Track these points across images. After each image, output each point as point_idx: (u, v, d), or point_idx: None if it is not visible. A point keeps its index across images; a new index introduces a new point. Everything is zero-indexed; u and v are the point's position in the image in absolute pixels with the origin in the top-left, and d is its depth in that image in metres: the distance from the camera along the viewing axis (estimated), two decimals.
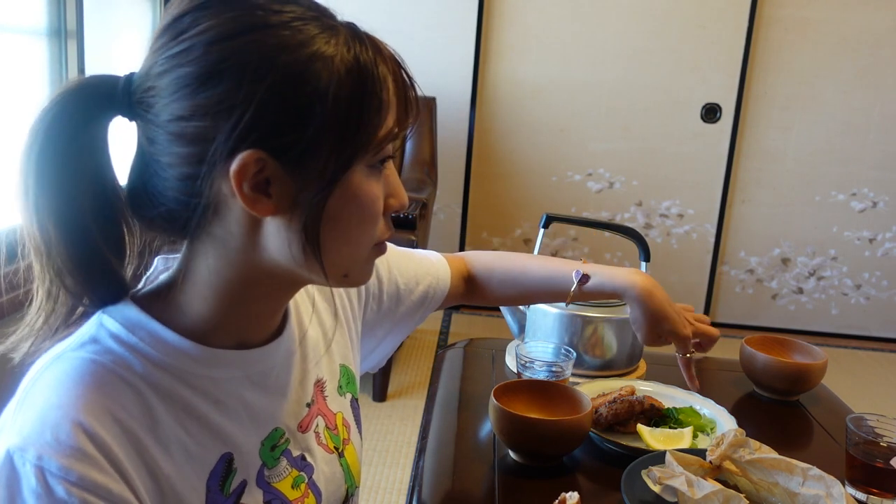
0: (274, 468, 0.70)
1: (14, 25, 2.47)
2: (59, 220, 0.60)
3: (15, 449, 0.54)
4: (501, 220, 3.76)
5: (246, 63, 0.56)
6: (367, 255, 0.67)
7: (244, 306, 0.66)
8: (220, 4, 0.58)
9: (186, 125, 0.58)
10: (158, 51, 0.59)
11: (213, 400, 0.65)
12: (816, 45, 3.51)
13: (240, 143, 0.57)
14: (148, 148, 0.61)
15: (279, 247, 0.62)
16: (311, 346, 0.78)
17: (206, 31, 0.57)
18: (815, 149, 3.62)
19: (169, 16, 0.60)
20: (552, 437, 0.96)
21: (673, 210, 3.72)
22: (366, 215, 0.64)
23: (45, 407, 0.56)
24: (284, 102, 0.57)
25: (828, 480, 0.82)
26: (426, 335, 3.45)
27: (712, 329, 1.10)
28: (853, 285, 3.76)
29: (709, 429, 1.08)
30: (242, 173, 0.58)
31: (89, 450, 0.55)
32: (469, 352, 1.41)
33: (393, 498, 2.15)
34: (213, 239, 0.63)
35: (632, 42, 3.54)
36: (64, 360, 0.60)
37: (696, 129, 3.61)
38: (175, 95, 0.58)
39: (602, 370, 1.28)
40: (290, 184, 0.59)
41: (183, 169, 0.59)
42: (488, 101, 3.63)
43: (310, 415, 0.76)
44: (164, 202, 0.61)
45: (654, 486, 0.86)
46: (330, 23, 0.61)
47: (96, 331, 0.62)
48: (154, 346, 0.62)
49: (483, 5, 3.50)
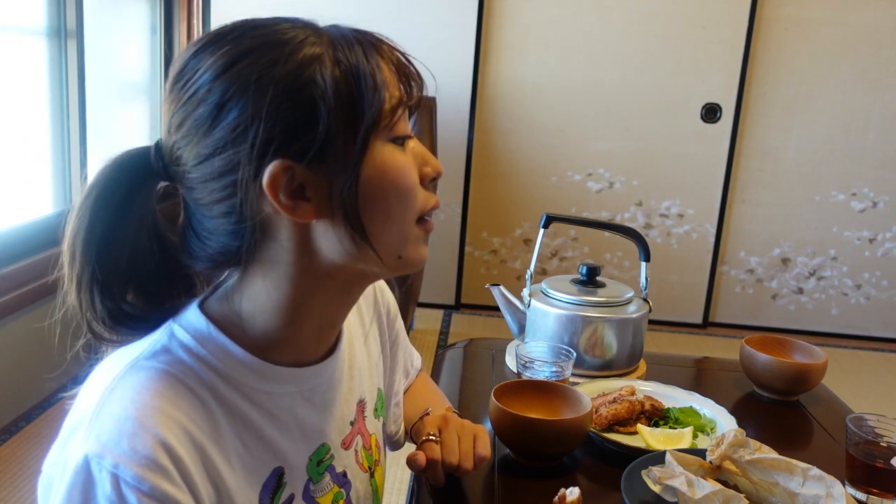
0: (318, 483, 0.73)
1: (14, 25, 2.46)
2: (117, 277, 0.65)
3: (93, 455, 0.56)
4: (501, 220, 3.76)
5: (246, 86, 0.60)
6: (415, 232, 0.68)
7: (308, 319, 0.68)
8: (212, 44, 0.62)
9: (213, 161, 0.61)
10: (172, 105, 0.63)
11: (268, 414, 0.68)
12: (816, 45, 3.51)
13: (262, 158, 0.60)
14: (189, 198, 0.64)
15: (331, 246, 0.64)
16: (357, 366, 0.81)
17: (206, 71, 0.61)
18: (815, 149, 3.62)
19: (172, 71, 0.64)
20: (552, 437, 0.96)
21: (673, 210, 3.72)
22: (400, 187, 0.65)
23: (123, 416, 0.58)
24: (290, 108, 0.60)
25: (828, 480, 0.82)
26: (426, 335, 3.45)
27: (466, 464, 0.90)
28: (853, 285, 3.76)
29: (709, 429, 1.08)
30: (275, 185, 0.61)
31: (163, 461, 0.57)
32: (469, 352, 1.41)
33: (393, 498, 2.15)
34: (270, 260, 0.65)
35: (632, 42, 3.54)
36: (138, 370, 0.62)
37: (696, 129, 3.61)
38: (195, 139, 0.61)
39: (602, 370, 1.28)
40: (322, 181, 0.62)
41: (224, 204, 0.62)
42: (488, 101, 3.62)
43: (352, 433, 0.79)
44: (215, 239, 0.65)
45: (654, 486, 0.86)
46: (313, 27, 0.64)
47: (168, 341, 0.65)
48: (221, 358, 0.65)
49: (483, 5, 3.50)
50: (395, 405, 0.99)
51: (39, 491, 0.61)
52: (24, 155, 2.58)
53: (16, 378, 2.37)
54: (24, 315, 2.38)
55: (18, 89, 2.51)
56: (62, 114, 2.67)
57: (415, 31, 3.50)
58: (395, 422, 0.99)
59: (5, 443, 2.30)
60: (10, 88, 2.47)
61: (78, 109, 2.68)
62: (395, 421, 0.99)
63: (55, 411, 2.51)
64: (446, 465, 0.88)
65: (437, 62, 3.53)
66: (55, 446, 0.61)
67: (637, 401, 1.08)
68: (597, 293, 1.31)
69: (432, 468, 0.88)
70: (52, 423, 2.43)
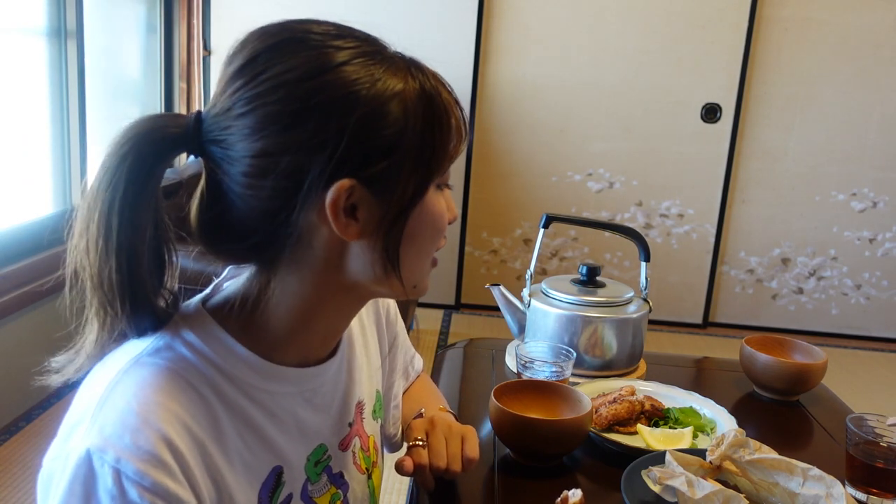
0: (316, 483, 0.74)
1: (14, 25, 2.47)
2: (120, 252, 0.61)
3: (95, 449, 0.56)
4: (501, 220, 3.76)
5: (332, 100, 0.60)
6: (429, 267, 0.72)
7: (316, 325, 0.69)
8: (292, 45, 0.62)
9: (276, 160, 0.60)
10: (237, 91, 0.61)
11: (269, 413, 0.68)
12: (816, 45, 3.51)
13: (336, 173, 0.61)
14: (223, 183, 0.63)
15: (361, 266, 0.66)
16: (356, 368, 0.81)
17: (288, 72, 0.60)
18: (815, 149, 3.62)
19: (242, 57, 0.62)
20: (552, 437, 0.96)
21: (673, 210, 3.72)
22: (436, 231, 0.69)
23: (126, 411, 0.58)
24: (372, 133, 0.61)
25: (828, 480, 0.82)
26: (426, 335, 3.45)
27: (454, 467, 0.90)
28: (853, 285, 3.76)
29: (709, 429, 1.08)
30: (337, 202, 0.61)
31: (165, 457, 0.57)
32: (469, 352, 1.41)
33: (393, 498, 2.15)
34: (296, 263, 0.65)
35: (632, 42, 3.54)
36: (142, 366, 0.62)
37: (696, 129, 3.61)
38: (261, 133, 0.60)
39: (602, 370, 1.28)
40: (377, 208, 0.63)
41: (272, 202, 0.62)
42: (488, 101, 3.62)
43: (350, 434, 0.79)
44: (250, 235, 0.64)
45: (654, 486, 0.86)
46: (388, 54, 0.65)
47: (171, 338, 0.65)
48: (224, 356, 0.65)
49: (483, 5, 3.50)
50: (395, 407, 0.99)
51: (39, 486, 0.60)
52: (25, 155, 2.58)
53: (16, 378, 2.37)
54: (24, 315, 2.38)
55: (18, 89, 2.51)
56: (62, 114, 2.67)
57: (415, 31, 3.50)
58: (395, 424, 0.99)
59: (5, 443, 2.31)
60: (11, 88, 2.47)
61: (78, 109, 2.68)
62: (395, 423, 0.99)
63: (55, 411, 2.51)
64: (434, 469, 0.87)
65: (437, 62, 3.50)
66: (56, 441, 0.61)
67: (637, 401, 1.08)
68: (597, 293, 1.31)
69: (420, 473, 0.88)
70: (52, 423, 2.43)
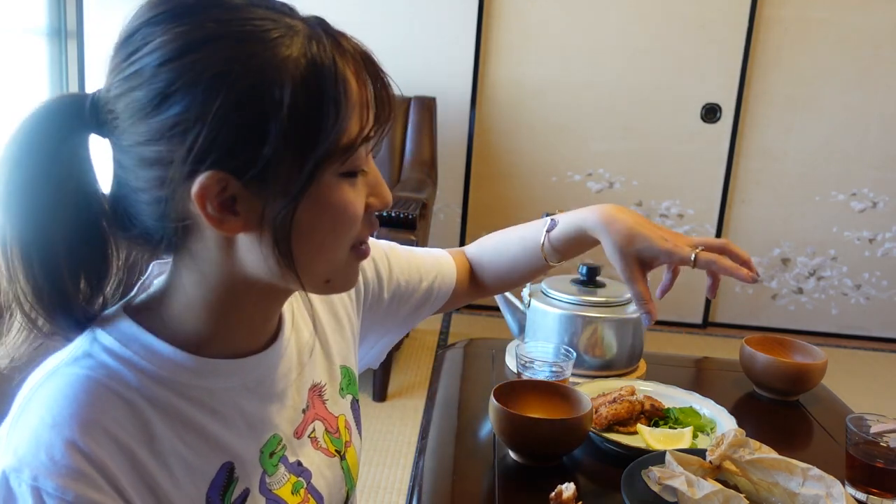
0: (274, 475, 0.71)
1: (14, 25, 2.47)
2: (27, 245, 0.58)
3: (10, 470, 0.54)
4: (501, 220, 3.76)
5: (196, 82, 0.55)
6: (347, 260, 0.65)
7: (234, 316, 0.65)
8: (170, 19, 0.56)
9: (146, 150, 0.57)
10: (113, 71, 0.58)
11: (209, 410, 0.65)
12: (816, 45, 3.51)
13: (197, 165, 0.56)
14: (118, 170, 0.60)
15: (255, 261, 0.61)
16: (306, 350, 0.78)
17: (156, 51, 0.55)
18: (815, 149, 3.62)
19: (122, 32, 0.58)
20: (552, 437, 0.96)
21: (673, 210, 3.72)
22: (339, 224, 0.62)
23: (40, 426, 0.56)
24: (239, 120, 0.55)
25: (828, 480, 0.82)
26: (426, 335, 3.45)
27: (716, 240, 0.93)
28: (853, 285, 3.76)
29: (709, 429, 1.08)
30: (204, 195, 0.57)
31: (85, 468, 0.55)
32: (469, 352, 1.41)
33: (393, 498, 2.15)
34: (192, 255, 0.62)
35: (632, 42, 3.54)
36: (58, 377, 0.59)
37: (696, 129, 3.61)
38: (132, 120, 0.57)
39: (602, 370, 1.28)
40: (256, 201, 0.58)
41: (151, 192, 0.58)
42: (488, 101, 3.62)
43: (304, 420, 0.76)
44: (138, 223, 0.61)
45: (654, 486, 0.86)
46: (289, 22, 0.58)
47: (90, 345, 0.62)
48: (149, 359, 0.62)
49: (483, 5, 3.50)
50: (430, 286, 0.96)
51: None
52: None
53: None
54: None
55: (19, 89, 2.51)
56: None
57: (415, 31, 3.50)
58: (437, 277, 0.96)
59: None
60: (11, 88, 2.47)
61: None
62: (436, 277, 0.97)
63: None
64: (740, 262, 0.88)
65: (437, 62, 3.53)
66: None
67: (637, 401, 1.08)
68: (597, 293, 1.31)
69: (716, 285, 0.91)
70: None
